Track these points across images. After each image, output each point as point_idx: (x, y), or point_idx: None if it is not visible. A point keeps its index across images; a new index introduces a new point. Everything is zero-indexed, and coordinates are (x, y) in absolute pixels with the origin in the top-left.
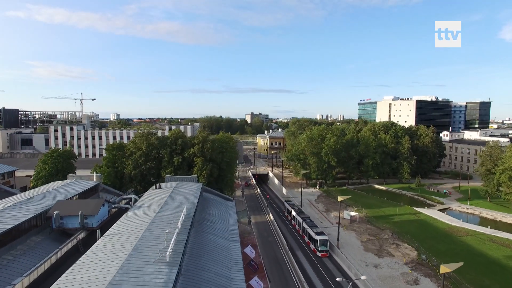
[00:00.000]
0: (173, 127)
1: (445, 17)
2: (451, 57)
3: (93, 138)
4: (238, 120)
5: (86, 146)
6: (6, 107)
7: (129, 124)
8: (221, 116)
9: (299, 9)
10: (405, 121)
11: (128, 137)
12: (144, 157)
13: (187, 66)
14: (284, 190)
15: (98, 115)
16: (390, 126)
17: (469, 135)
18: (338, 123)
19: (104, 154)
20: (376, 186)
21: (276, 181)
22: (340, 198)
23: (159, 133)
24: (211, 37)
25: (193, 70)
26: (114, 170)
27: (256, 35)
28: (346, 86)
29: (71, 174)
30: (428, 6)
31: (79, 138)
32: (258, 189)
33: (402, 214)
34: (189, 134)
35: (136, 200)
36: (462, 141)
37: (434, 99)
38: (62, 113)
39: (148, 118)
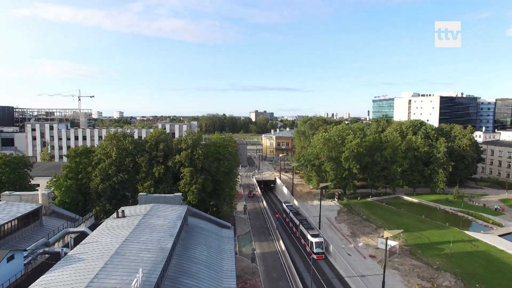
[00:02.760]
0: (167, 125)
1: (453, 15)
2: (458, 56)
3: (76, 138)
4: (242, 118)
5: (68, 147)
6: (0, 105)
7: (129, 122)
8: (224, 114)
9: (305, 6)
10: (427, 120)
11: None
12: (115, 167)
13: (193, 64)
14: (295, 202)
15: (101, 112)
16: (419, 125)
17: (507, 136)
18: (346, 122)
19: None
20: (405, 197)
21: (285, 190)
22: (387, 234)
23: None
24: (217, 35)
25: (198, 68)
26: (78, 183)
27: (262, 33)
28: (351, 84)
29: (6, 192)
30: (436, 3)
31: (60, 138)
32: (264, 202)
33: (453, 242)
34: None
35: (83, 237)
36: (499, 143)
37: (459, 95)
38: (61, 110)
39: (152, 116)
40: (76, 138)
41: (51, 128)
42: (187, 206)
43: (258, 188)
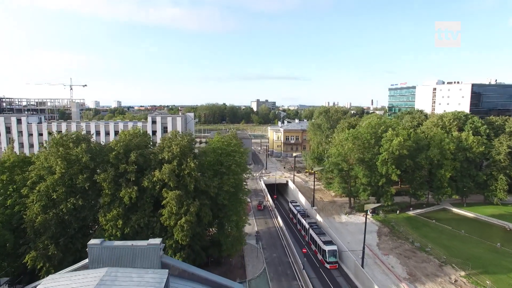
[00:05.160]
0: (157, 119)
1: (455, 3)
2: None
3: (50, 134)
4: (243, 107)
5: (41, 145)
6: None
7: (124, 112)
8: (224, 104)
9: None
10: (456, 111)
11: (107, 133)
12: (63, 187)
13: (192, 53)
14: (318, 218)
15: (99, 102)
16: (463, 119)
17: None
18: (352, 111)
19: None
20: (455, 210)
21: (301, 198)
22: None
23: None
24: (217, 23)
25: (198, 57)
26: (6, 212)
27: (262, 21)
28: (352, 73)
29: None
30: None
31: (30, 134)
32: (279, 218)
33: None
34: (178, 130)
35: None
36: None
37: (492, 82)
38: (52, 100)
39: (150, 106)
40: (50, 133)
41: (19, 121)
42: (167, 272)
43: (269, 196)
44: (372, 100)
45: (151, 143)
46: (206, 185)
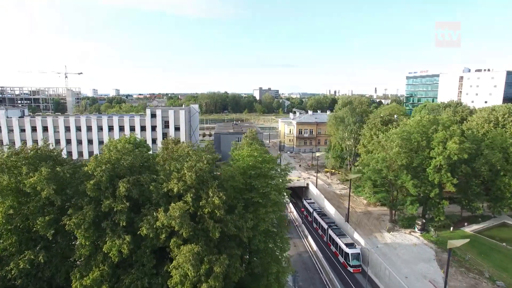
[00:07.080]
0: (157, 112)
1: None
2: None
3: (34, 129)
4: (245, 95)
5: (23, 142)
6: None
7: (122, 101)
8: (226, 92)
9: None
10: (485, 102)
11: (100, 128)
12: (13, 236)
13: (191, 40)
14: (356, 237)
15: (97, 90)
16: None
17: None
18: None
19: None
20: None
21: (328, 207)
22: None
23: (136, 121)
24: (217, 9)
25: (197, 44)
26: None
27: (263, 7)
28: (353, 60)
29: None
30: None
31: (10, 131)
32: (310, 238)
33: None
34: (181, 125)
35: None
36: None
37: None
38: (47, 88)
39: (149, 94)
40: (34, 129)
41: None
42: None
43: (291, 206)
44: (376, 88)
45: (152, 158)
46: (236, 228)
